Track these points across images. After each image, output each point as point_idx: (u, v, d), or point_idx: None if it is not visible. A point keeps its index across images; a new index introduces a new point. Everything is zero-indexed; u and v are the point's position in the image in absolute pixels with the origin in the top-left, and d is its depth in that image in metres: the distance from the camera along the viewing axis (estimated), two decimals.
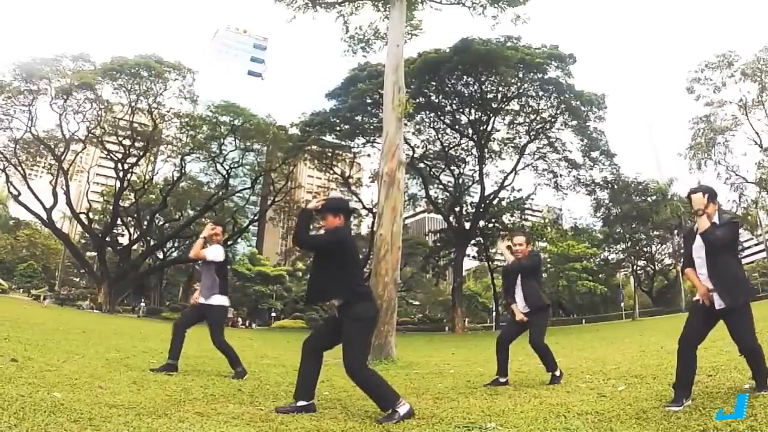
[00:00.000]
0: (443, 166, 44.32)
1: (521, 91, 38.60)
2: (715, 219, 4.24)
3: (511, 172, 43.09)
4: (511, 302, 6.41)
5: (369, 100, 38.57)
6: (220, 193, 47.29)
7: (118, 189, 45.33)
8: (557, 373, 6.15)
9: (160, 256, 54.93)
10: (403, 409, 4.08)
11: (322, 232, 4.68)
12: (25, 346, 7.37)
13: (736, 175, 41.75)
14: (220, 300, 6.65)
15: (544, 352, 6.17)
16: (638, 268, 56.27)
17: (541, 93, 38.57)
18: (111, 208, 47.26)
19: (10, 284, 58.14)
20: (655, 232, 51.96)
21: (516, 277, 6.38)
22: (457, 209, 45.39)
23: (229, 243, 52.70)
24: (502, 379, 6.21)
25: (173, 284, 66.87)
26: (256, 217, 55.01)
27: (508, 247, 6.49)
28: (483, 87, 38.55)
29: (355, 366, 4.20)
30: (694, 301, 4.36)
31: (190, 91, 42.31)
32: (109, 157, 46.28)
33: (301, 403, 4.26)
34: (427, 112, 40.63)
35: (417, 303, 73.63)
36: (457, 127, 42.11)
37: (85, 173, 50.27)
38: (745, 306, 4.13)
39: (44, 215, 42.28)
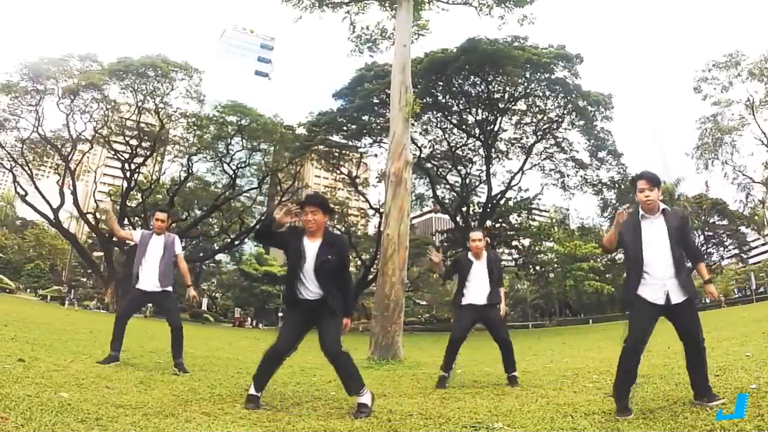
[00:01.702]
0: (450, 166, 44.16)
1: (528, 91, 38.45)
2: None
3: (518, 172, 42.94)
4: (462, 296, 6.46)
5: (376, 100, 38.52)
6: (227, 193, 47.26)
7: (125, 189, 45.38)
8: (516, 374, 6.21)
9: None
10: (367, 398, 4.30)
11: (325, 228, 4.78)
12: (32, 347, 7.40)
13: (743, 175, 41.68)
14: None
15: (511, 348, 6.24)
16: None
17: (548, 93, 38.42)
18: (118, 208, 47.39)
19: (17, 284, 58.33)
20: None
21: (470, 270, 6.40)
22: (464, 209, 45.26)
23: (236, 243, 52.95)
24: (447, 374, 6.31)
25: (179, 284, 66.77)
26: (263, 217, 54.92)
27: None
28: (490, 87, 38.41)
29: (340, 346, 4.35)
30: (640, 298, 4.10)
31: (197, 91, 42.25)
32: (116, 157, 46.33)
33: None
34: (434, 112, 40.52)
35: (424, 303, 73.42)
36: (464, 127, 41.98)
37: (92, 173, 50.12)
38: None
39: (51, 215, 42.32)
